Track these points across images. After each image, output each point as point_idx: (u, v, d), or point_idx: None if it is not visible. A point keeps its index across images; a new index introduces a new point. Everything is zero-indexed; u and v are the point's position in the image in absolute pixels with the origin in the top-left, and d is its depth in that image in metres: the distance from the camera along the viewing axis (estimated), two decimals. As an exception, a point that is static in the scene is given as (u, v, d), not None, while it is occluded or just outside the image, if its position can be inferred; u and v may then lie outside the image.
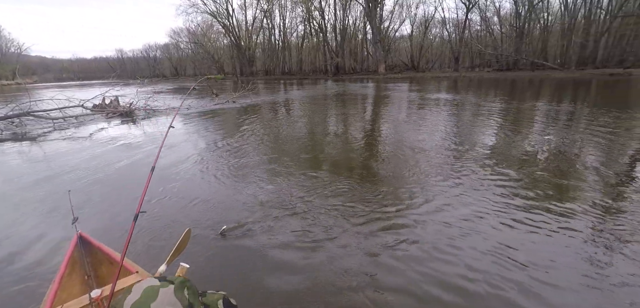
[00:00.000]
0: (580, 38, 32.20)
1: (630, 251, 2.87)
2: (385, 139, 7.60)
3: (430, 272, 2.70)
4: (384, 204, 3.98)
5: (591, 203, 3.83)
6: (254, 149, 7.00)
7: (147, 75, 62.88)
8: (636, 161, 5.44)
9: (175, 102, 16.63)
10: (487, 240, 3.12)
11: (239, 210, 3.99)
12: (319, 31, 48.42)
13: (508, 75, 31.74)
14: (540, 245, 3.04)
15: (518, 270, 2.67)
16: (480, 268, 2.70)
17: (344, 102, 15.92)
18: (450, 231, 3.29)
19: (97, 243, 2.22)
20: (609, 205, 3.76)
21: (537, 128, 8.22)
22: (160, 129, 9.75)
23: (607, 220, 3.43)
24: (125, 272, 1.94)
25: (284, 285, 2.60)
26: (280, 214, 3.80)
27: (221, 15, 50.72)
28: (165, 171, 5.53)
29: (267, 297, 2.46)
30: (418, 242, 3.11)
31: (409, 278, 2.63)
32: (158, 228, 3.56)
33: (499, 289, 2.47)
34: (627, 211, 3.59)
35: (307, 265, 2.84)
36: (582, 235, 3.16)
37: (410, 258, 2.88)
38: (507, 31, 38.61)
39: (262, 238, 3.30)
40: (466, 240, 3.12)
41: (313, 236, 3.31)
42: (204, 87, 26.22)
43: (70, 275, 2.02)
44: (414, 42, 45.75)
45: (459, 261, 2.81)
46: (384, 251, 2.99)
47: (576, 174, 4.82)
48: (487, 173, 4.94)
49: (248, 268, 2.83)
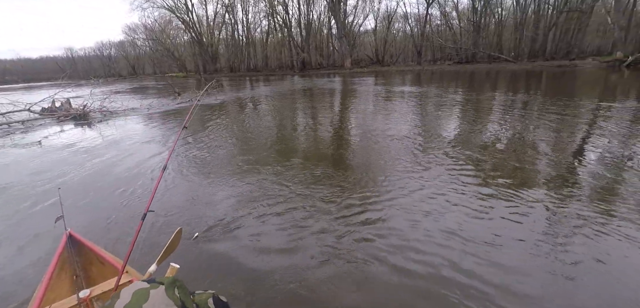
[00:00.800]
0: (530, 32, 34.36)
1: (577, 226, 3.10)
2: (354, 132, 7.68)
3: (399, 252, 2.77)
4: (355, 192, 4.02)
5: (543, 184, 4.10)
6: (221, 146, 6.81)
7: (101, 75, 59.09)
8: (584, 144, 5.89)
9: (135, 103, 15.81)
10: (447, 220, 3.24)
11: (212, 208, 3.86)
12: (283, 26, 47.89)
13: (467, 68, 33.22)
14: (495, 221, 3.24)
15: (474, 245, 2.80)
16: (436, 244, 2.83)
17: (313, 97, 15.90)
18: (413, 216, 3.39)
19: (87, 243, 2.19)
20: (560, 186, 4.04)
21: (495, 117, 8.67)
22: (121, 132, 9.21)
23: (558, 198, 3.69)
24: (115, 271, 1.94)
25: (266, 276, 2.61)
26: (256, 209, 3.72)
27: (180, 10, 48.61)
28: (131, 175, 5.23)
29: (252, 292, 2.41)
30: (387, 224, 3.18)
31: (380, 258, 2.69)
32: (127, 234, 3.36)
33: (456, 266, 2.58)
34: (575, 191, 3.88)
35: (285, 255, 2.83)
36: (533, 213, 3.37)
37: (382, 239, 2.94)
38: (465, 25, 40.33)
39: (239, 234, 3.24)
40: (428, 221, 3.23)
41: (289, 228, 3.28)
42: (165, 87, 25.13)
43: (59, 275, 1.98)
44: (378, 37, 46.59)
45: (425, 240, 2.90)
46: (353, 234, 3.03)
47: (530, 159, 5.13)
48: (450, 159, 5.13)
49: (229, 265, 2.74)
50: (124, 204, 4.25)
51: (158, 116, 11.92)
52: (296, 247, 3.08)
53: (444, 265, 2.73)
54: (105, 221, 3.75)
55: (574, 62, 28.60)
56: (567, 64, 28.36)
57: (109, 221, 3.76)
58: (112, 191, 4.72)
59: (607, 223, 3.21)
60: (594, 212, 3.43)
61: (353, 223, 3.46)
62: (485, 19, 38.22)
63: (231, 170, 5.35)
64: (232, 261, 2.90)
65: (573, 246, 2.89)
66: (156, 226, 3.57)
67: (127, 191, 4.68)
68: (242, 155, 6.25)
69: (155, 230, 3.50)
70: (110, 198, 4.50)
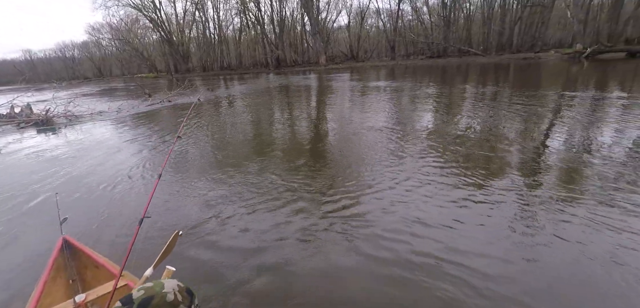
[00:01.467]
0: (497, 26, 35.74)
1: (541, 208, 3.28)
2: (333, 125, 7.71)
3: (373, 240, 2.83)
4: (336, 186, 4.04)
5: (511, 171, 4.29)
6: (196, 147, 6.63)
7: (64, 78, 56.07)
8: (549, 132, 6.21)
9: (103, 106, 15.12)
10: (419, 207, 3.33)
11: (193, 209, 3.75)
12: (256, 23, 47.24)
13: (439, 62, 34.10)
14: (472, 209, 3.36)
15: (451, 231, 2.90)
16: (407, 231, 2.93)
17: (290, 94, 15.81)
18: (388, 205, 3.46)
19: (82, 247, 2.20)
20: (527, 172, 4.24)
21: (467, 108, 8.96)
22: (89, 137, 8.78)
23: (524, 184, 3.87)
24: (111, 275, 1.96)
25: (249, 273, 2.55)
26: (236, 207, 3.65)
27: (147, 8, 46.61)
28: (105, 181, 5.00)
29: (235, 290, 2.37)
30: (366, 217, 3.22)
31: (359, 246, 2.73)
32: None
33: (422, 251, 2.66)
34: (540, 176, 4.09)
35: (271, 251, 2.80)
36: (505, 200, 3.52)
37: (360, 229, 2.98)
38: (436, 20, 41.37)
39: (221, 234, 3.16)
40: (402, 208, 3.31)
41: (271, 223, 3.25)
42: (135, 88, 24.21)
43: (54, 280, 1.99)
44: (352, 33, 46.96)
45: (403, 229, 2.97)
46: (332, 224, 3.05)
47: (500, 147, 5.35)
48: (426, 150, 5.26)
49: (211, 264, 2.68)
50: (106, 216, 4.05)
51: (129, 119, 11.45)
52: (274, 240, 3.09)
53: (412, 249, 2.82)
54: (81, 235, 3.56)
55: (538, 54, 30.01)
56: (532, 56, 29.71)
57: (85, 233, 3.58)
58: (89, 203, 4.50)
59: (569, 206, 3.40)
60: (557, 195, 3.62)
61: (332, 211, 3.52)
62: (455, 13, 39.37)
63: (212, 168, 5.23)
64: (214, 259, 2.84)
65: (535, 227, 3.04)
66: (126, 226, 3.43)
67: (104, 200, 4.48)
68: (221, 152, 6.13)
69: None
70: (90, 210, 4.28)
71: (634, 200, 3.44)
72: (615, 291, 2.31)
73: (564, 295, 2.30)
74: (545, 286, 2.38)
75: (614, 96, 9.52)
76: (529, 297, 2.29)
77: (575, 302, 2.26)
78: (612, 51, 25.10)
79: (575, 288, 2.36)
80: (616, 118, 6.99)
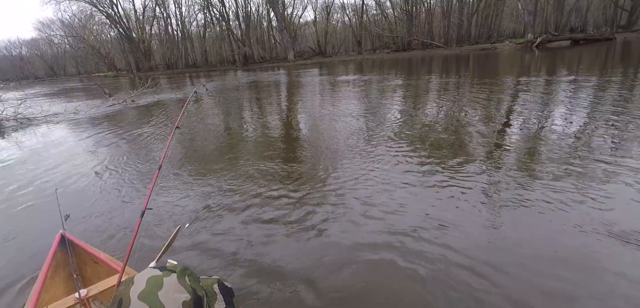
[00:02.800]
0: (456, 19, 37.33)
1: (503, 186, 3.57)
2: (306, 120, 7.79)
3: (354, 229, 2.97)
4: (309, 178, 4.15)
5: (478, 156, 4.61)
6: (161, 149, 6.46)
7: (12, 77, 51.72)
8: (509, 117, 6.67)
9: (58, 107, 14.20)
10: (388, 192, 3.53)
11: (169, 213, 3.69)
12: (221, 20, 46.04)
13: (404, 55, 35.09)
14: (441, 193, 3.58)
15: (425, 218, 3.10)
16: (377, 218, 3.08)
17: (259, 90, 15.66)
18: (360, 193, 3.62)
19: (80, 243, 2.19)
20: (491, 157, 4.58)
21: (433, 97, 9.39)
22: (42, 140, 8.24)
23: (490, 168, 4.18)
24: (111, 271, 1.98)
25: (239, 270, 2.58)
26: (215, 210, 3.65)
27: (102, 3, 43.92)
28: (75, 189, 4.76)
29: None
30: (342, 208, 3.36)
31: (334, 237, 2.85)
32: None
33: (398, 245, 2.84)
34: (502, 156, 4.43)
35: (252, 247, 2.84)
36: (471, 183, 3.79)
37: (335, 221, 3.10)
38: (399, 15, 42.51)
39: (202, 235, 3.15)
40: (380, 197, 3.48)
41: (250, 221, 3.29)
42: (93, 88, 22.89)
43: (53, 277, 1.99)
44: (319, 28, 47.09)
45: (379, 216, 3.13)
46: (310, 221, 3.15)
47: (465, 134, 5.69)
48: (395, 139, 5.50)
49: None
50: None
51: (88, 121, 10.82)
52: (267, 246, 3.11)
53: (388, 231, 2.98)
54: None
55: (495, 45, 31.77)
56: (489, 46, 31.40)
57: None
58: (36, 215, 4.28)
59: (529, 183, 3.73)
60: (517, 173, 3.95)
61: (308, 203, 3.60)
62: (416, 7, 40.63)
63: (179, 177, 5.14)
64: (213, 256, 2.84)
65: (497, 201, 3.31)
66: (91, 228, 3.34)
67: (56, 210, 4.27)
68: (187, 165, 6.02)
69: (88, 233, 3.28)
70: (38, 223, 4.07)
71: (588, 168, 3.83)
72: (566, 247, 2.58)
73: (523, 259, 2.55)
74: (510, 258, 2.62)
75: (564, 79, 10.35)
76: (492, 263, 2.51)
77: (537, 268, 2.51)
78: (559, 40, 27.14)
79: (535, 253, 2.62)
80: (568, 96, 7.65)
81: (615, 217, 2.83)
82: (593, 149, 4.38)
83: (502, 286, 2.21)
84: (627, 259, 2.37)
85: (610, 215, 2.88)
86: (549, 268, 2.34)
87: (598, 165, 3.84)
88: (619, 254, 2.42)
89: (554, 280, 2.23)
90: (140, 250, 2.04)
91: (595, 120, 5.69)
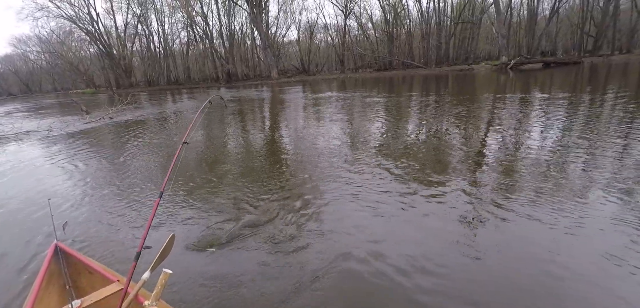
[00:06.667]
0: (435, 41, 38.78)
1: (481, 200, 3.75)
2: (290, 136, 7.87)
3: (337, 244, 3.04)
4: (296, 195, 4.21)
5: (455, 170, 4.81)
6: (144, 167, 6.38)
7: (-18, 94, 49.54)
8: (487, 133, 6.98)
9: (31, 124, 13.72)
10: (371, 210, 3.64)
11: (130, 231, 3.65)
12: (204, 37, 46.00)
13: (385, 74, 35.97)
14: (419, 208, 3.71)
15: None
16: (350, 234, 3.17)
17: (243, 108, 15.68)
18: (353, 210, 3.71)
19: (75, 253, 2.18)
20: (469, 169, 4.79)
21: (414, 115, 9.70)
22: (12, 159, 7.95)
23: (466, 180, 4.37)
24: (106, 281, 1.98)
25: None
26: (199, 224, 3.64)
27: (82, 20, 43.20)
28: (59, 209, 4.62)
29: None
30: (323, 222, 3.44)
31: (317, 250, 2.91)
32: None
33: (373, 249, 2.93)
34: (481, 173, 4.64)
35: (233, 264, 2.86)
36: (450, 199, 3.95)
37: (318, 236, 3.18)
38: (380, 35, 43.76)
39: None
40: (355, 213, 3.58)
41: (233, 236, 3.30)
42: (70, 104, 22.25)
43: (47, 287, 1.97)
44: (302, 47, 47.76)
45: (360, 234, 3.22)
46: (294, 240, 3.21)
47: (445, 150, 5.92)
48: (377, 156, 5.65)
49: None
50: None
51: (62, 139, 10.42)
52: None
53: (363, 247, 3.06)
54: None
55: (471, 66, 33.09)
56: (467, 68, 32.65)
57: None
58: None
59: (508, 198, 3.92)
60: (497, 188, 4.15)
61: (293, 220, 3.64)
62: (397, 29, 41.99)
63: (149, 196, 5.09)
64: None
65: (477, 218, 3.47)
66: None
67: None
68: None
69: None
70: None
71: (563, 183, 4.07)
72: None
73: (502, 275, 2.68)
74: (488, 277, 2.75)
75: (537, 97, 10.92)
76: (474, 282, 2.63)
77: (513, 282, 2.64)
78: (531, 62, 28.57)
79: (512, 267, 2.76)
80: (541, 114, 8.07)
81: (587, 235, 3.02)
82: (565, 164, 4.65)
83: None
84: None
85: (583, 232, 3.07)
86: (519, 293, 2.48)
87: (569, 181, 4.09)
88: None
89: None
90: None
91: (567, 136, 6.05)
